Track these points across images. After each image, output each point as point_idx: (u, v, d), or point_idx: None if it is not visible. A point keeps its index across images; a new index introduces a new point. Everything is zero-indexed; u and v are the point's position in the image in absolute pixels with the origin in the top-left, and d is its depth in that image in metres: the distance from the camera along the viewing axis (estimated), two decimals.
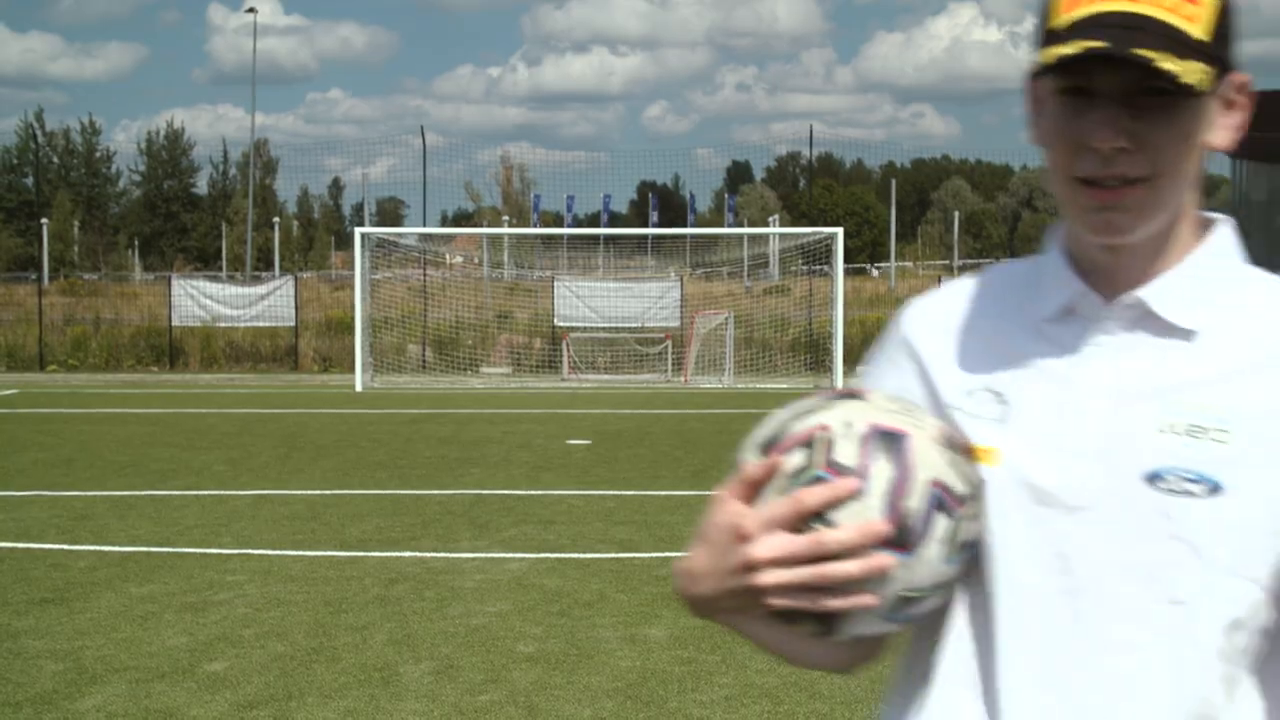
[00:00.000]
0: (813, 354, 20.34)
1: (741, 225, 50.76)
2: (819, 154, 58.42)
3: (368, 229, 19.86)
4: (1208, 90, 1.03)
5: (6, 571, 6.28)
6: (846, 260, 19.15)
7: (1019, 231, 76.83)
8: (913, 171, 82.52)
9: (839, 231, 18.75)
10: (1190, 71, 1.00)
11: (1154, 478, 1.04)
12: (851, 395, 1.13)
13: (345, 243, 40.24)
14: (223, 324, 20.78)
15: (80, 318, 23.35)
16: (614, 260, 34.25)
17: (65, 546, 6.88)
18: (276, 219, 52.22)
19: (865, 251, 62.63)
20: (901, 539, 1.05)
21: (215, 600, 5.71)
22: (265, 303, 20.74)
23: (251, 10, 51.75)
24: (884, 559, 1.04)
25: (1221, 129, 1.10)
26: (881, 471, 1.06)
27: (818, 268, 21.79)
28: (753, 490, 1.07)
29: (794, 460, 1.07)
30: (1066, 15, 1.05)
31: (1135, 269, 1.11)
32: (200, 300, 20.68)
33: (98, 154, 67.15)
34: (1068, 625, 1.06)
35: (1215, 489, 1.03)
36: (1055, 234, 1.18)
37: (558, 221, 44.27)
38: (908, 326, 1.21)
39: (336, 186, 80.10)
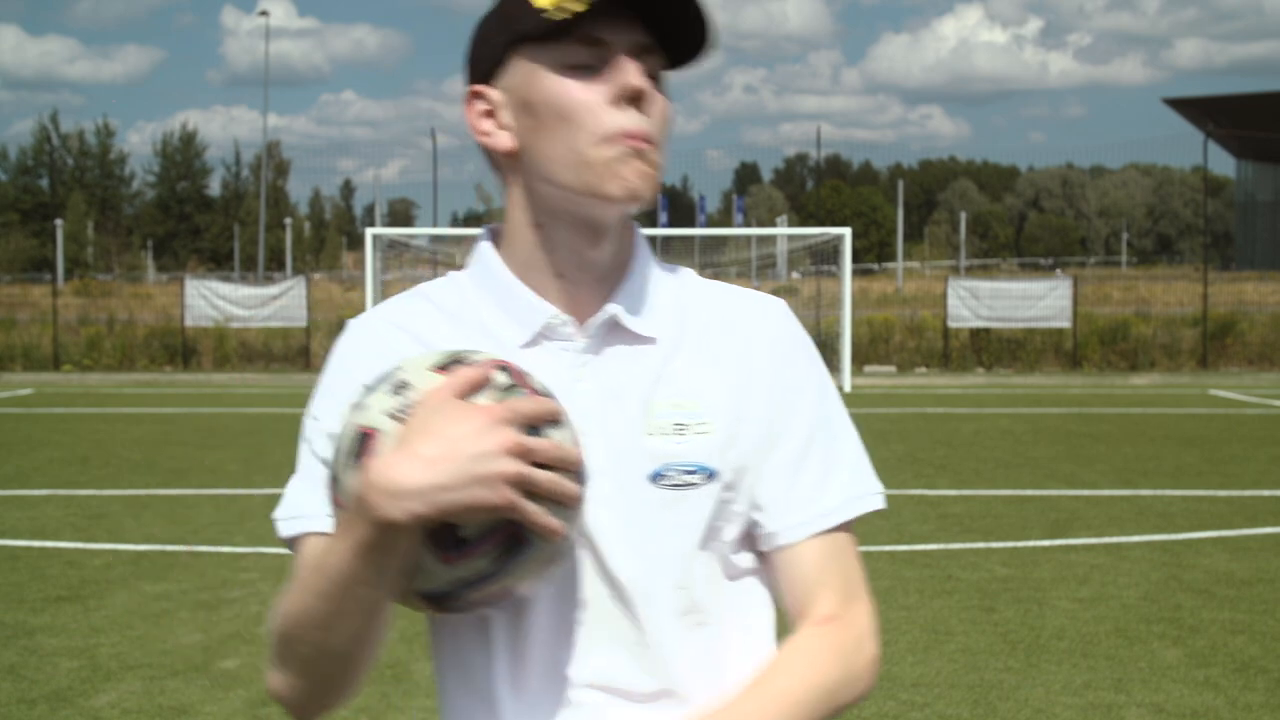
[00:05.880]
0: (820, 353, 20.36)
1: (750, 226, 50.74)
2: (827, 155, 58.29)
3: (379, 230, 19.89)
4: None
5: (22, 569, 6.34)
6: (854, 261, 19.13)
7: (1025, 232, 76.60)
8: (920, 172, 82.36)
9: (847, 232, 18.73)
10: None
11: (656, 477, 1.12)
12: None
13: (357, 243, 40.37)
14: (235, 324, 20.85)
15: (95, 318, 23.48)
16: None
17: (80, 545, 6.94)
18: (289, 220, 52.42)
19: (873, 252, 62.53)
20: (582, 479, 1.03)
21: (229, 598, 5.76)
22: (277, 303, 20.81)
23: (264, 13, 51.90)
24: (582, 490, 1.02)
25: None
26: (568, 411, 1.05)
27: (825, 268, 21.79)
28: (468, 394, 1.00)
29: (501, 377, 1.02)
30: None
31: (600, 275, 1.15)
32: (213, 301, 20.76)
33: (112, 156, 67.52)
34: (615, 620, 1.13)
35: (711, 475, 1.13)
36: (487, 262, 1.16)
37: None
38: (376, 345, 1.16)
39: (348, 188, 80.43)
